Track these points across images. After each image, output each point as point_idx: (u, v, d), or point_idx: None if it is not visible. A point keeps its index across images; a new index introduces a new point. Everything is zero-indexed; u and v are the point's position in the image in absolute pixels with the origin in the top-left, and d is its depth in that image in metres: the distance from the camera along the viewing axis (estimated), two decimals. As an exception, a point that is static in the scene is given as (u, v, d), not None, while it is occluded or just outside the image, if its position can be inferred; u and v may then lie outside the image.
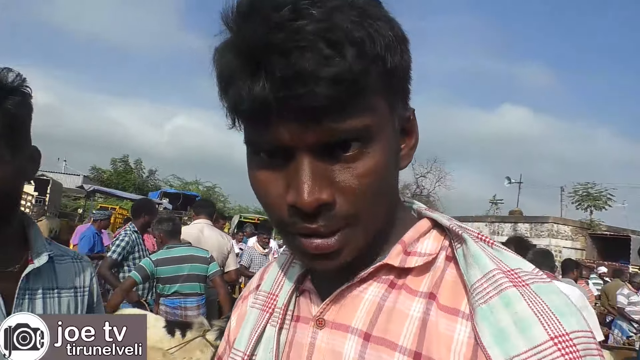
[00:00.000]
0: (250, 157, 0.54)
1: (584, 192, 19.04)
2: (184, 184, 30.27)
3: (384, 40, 0.48)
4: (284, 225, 0.52)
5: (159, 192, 19.45)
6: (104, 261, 4.31)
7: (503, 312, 0.48)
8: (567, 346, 0.45)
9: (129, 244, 4.17)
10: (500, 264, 0.51)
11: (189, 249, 3.67)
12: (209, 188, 30.82)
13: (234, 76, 0.47)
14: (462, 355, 0.48)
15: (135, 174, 31.26)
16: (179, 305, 3.57)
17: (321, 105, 0.45)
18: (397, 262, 0.55)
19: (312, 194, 0.47)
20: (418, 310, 0.53)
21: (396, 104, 0.53)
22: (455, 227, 0.55)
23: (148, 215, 4.49)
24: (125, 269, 4.17)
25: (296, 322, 0.61)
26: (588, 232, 16.69)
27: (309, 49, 0.44)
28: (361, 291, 0.57)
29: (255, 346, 0.62)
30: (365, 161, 0.49)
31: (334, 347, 0.56)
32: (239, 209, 29.42)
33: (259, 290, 0.67)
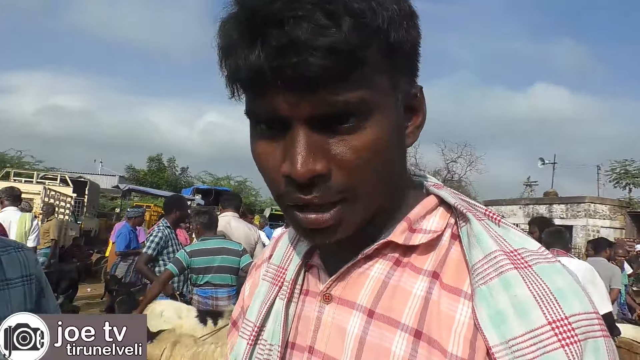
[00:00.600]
0: (252, 128, 0.53)
1: (621, 170, 18.42)
2: (216, 179, 30.70)
3: (386, 13, 0.47)
4: (281, 198, 0.52)
5: (192, 189, 19.81)
6: (140, 257, 4.48)
7: (502, 294, 0.47)
8: (565, 331, 0.44)
9: (162, 239, 4.31)
10: (504, 244, 0.50)
11: (223, 242, 3.79)
12: (240, 182, 31.17)
13: (233, 45, 0.48)
14: (463, 335, 0.48)
15: (169, 172, 31.96)
16: (211, 295, 3.70)
17: (315, 75, 0.44)
18: (401, 239, 0.55)
19: (306, 165, 0.47)
20: (421, 288, 0.53)
21: (400, 80, 0.52)
22: (460, 205, 0.55)
23: (179, 210, 4.63)
24: (160, 263, 4.32)
25: (305, 296, 0.62)
26: (627, 210, 16.18)
27: (306, 19, 0.44)
28: (367, 268, 0.57)
29: (265, 318, 0.63)
30: (363, 135, 0.48)
31: (339, 323, 0.56)
32: (270, 201, 29.69)
33: (269, 264, 0.68)
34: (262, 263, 0.73)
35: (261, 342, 0.62)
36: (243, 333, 0.65)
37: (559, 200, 16.84)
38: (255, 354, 0.62)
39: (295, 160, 0.47)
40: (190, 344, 2.77)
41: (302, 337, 0.60)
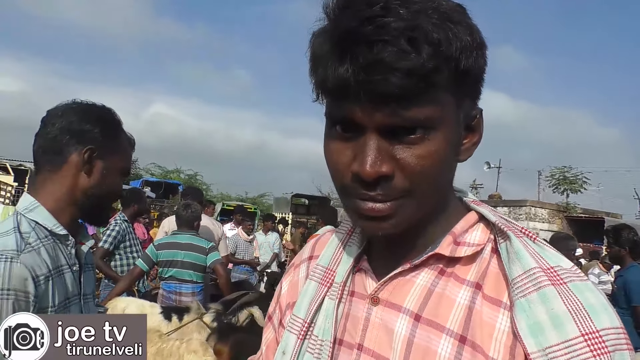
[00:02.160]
0: (328, 129, 0.60)
1: (560, 176, 19.46)
2: (165, 172, 29.92)
3: (460, 43, 0.53)
4: (345, 189, 0.59)
5: (141, 181, 19.24)
6: (96, 251, 4.33)
7: (540, 307, 0.53)
8: (597, 342, 0.50)
9: (119, 233, 4.19)
10: (541, 261, 0.56)
11: (191, 238, 3.76)
12: (190, 176, 30.52)
13: (324, 57, 0.55)
14: (503, 343, 0.54)
15: (117, 164, 30.74)
16: (174, 290, 3.68)
17: (393, 92, 0.51)
18: (447, 252, 0.61)
19: (374, 167, 0.54)
20: (465, 297, 0.59)
21: (464, 101, 0.58)
22: (501, 223, 0.61)
23: (138, 204, 4.53)
24: (117, 258, 4.20)
25: (351, 296, 0.67)
26: (564, 214, 17.13)
27: (391, 43, 0.50)
28: (413, 276, 0.63)
29: (315, 315, 0.68)
30: (425, 146, 0.55)
31: (387, 324, 0.62)
32: (221, 196, 29.29)
33: (317, 264, 0.73)
34: (301, 263, 0.79)
35: (312, 338, 0.67)
36: (291, 328, 0.70)
37: (503, 203, 17.57)
38: (306, 348, 0.67)
39: (365, 161, 0.54)
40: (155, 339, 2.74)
41: (349, 335, 0.65)
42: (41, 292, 1.00)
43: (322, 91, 0.58)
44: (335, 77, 0.53)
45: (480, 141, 0.64)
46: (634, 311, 3.89)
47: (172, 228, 4.33)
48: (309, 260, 0.78)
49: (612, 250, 4.16)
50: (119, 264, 4.21)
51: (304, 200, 19.59)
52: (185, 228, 3.82)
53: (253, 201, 28.43)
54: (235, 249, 6.43)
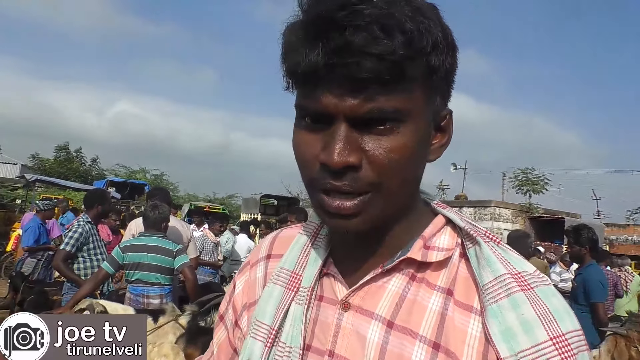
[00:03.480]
0: (297, 120, 0.60)
1: (523, 177, 19.98)
2: (130, 172, 29.31)
3: (432, 38, 0.53)
4: (313, 182, 0.58)
5: (105, 181, 18.79)
6: (58, 253, 4.21)
7: (511, 313, 0.54)
8: (563, 345, 0.53)
9: (82, 235, 4.08)
10: (509, 267, 0.58)
11: (158, 240, 3.67)
12: (156, 176, 30.02)
13: (296, 43, 0.54)
14: (475, 348, 0.55)
15: (78, 163, 29.93)
16: (142, 292, 3.59)
17: (363, 77, 0.51)
18: (419, 256, 0.61)
19: (341, 156, 0.53)
20: (436, 303, 0.59)
21: (433, 99, 0.58)
22: (469, 228, 0.62)
23: (102, 205, 4.41)
24: (80, 260, 4.10)
25: (319, 301, 0.66)
26: (527, 214, 17.61)
27: (363, 28, 0.51)
28: (385, 282, 0.62)
29: (282, 321, 0.66)
30: (395, 138, 0.55)
31: (359, 330, 0.61)
32: (188, 197, 28.88)
33: (281, 268, 0.70)
34: (258, 262, 0.77)
35: (279, 344, 0.65)
36: (256, 335, 0.67)
37: (468, 203, 17.93)
38: (274, 356, 0.65)
39: (333, 150, 0.54)
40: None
41: (318, 341, 0.64)
42: None
43: (293, 78, 0.57)
44: (306, 62, 0.53)
45: (449, 143, 0.64)
46: (592, 308, 4.03)
47: (139, 230, 4.24)
48: (267, 259, 0.76)
49: (572, 250, 4.30)
50: (82, 266, 4.10)
51: (273, 200, 19.51)
52: (152, 230, 3.74)
53: (221, 202, 28.14)
54: (202, 250, 6.35)
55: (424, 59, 0.54)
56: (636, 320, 3.69)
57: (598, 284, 4.04)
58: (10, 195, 21.34)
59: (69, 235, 4.09)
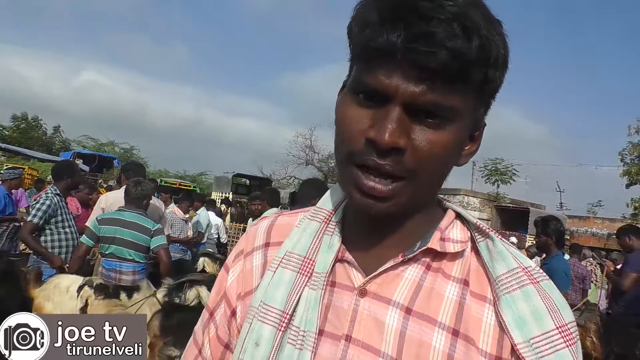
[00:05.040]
0: (348, 95, 0.61)
1: (492, 167, 20.45)
2: (99, 145, 28.57)
3: (497, 51, 0.57)
4: (352, 157, 0.59)
5: (72, 153, 18.28)
6: (25, 225, 4.09)
7: (523, 303, 0.60)
8: (567, 334, 0.59)
9: (50, 207, 3.97)
10: (518, 261, 0.63)
11: (136, 217, 3.61)
12: (126, 150, 29.42)
13: (376, 21, 0.55)
14: (491, 335, 0.60)
15: (39, 132, 28.93)
16: (114, 268, 3.54)
17: (434, 68, 0.53)
18: (438, 247, 0.64)
19: (392, 136, 0.55)
20: (453, 293, 0.63)
21: (479, 108, 0.62)
22: (480, 224, 0.67)
23: (70, 177, 4.29)
24: (47, 233, 3.99)
25: (331, 287, 0.67)
26: (494, 204, 18.06)
27: (446, 23, 0.53)
28: (402, 270, 0.65)
29: (295, 306, 0.66)
30: (441, 133, 0.57)
31: (376, 316, 0.63)
32: (158, 173, 28.42)
33: (290, 252, 0.70)
34: (254, 250, 0.76)
35: (292, 328, 0.65)
36: (265, 319, 0.66)
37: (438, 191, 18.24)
38: (287, 339, 0.65)
39: (385, 129, 0.56)
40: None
41: (332, 326, 0.65)
42: None
43: (363, 52, 0.58)
44: (385, 40, 0.54)
45: (476, 152, 0.67)
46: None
47: (110, 204, 4.15)
48: (266, 247, 0.75)
49: (539, 240, 4.43)
50: (50, 239, 4.00)
51: (245, 180, 19.42)
52: (132, 206, 3.67)
53: (192, 179, 27.83)
54: (171, 227, 6.28)
55: (485, 69, 0.56)
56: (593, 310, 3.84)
57: (562, 274, 4.19)
58: (-31, 163, 20.55)
59: (37, 207, 3.98)
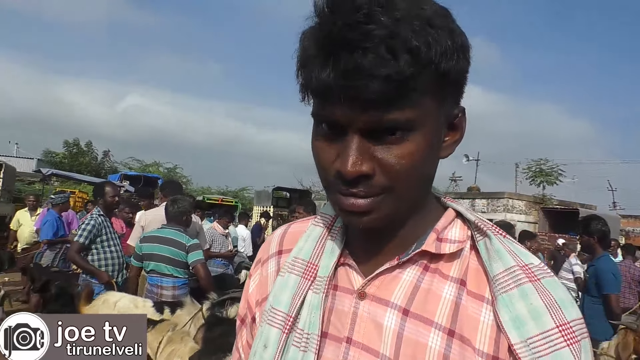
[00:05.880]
0: (315, 126, 0.63)
1: (536, 169, 19.76)
2: (144, 166, 29.50)
3: (440, 47, 0.55)
4: (329, 185, 0.62)
5: (119, 175, 18.96)
6: (72, 245, 4.30)
7: (520, 302, 0.59)
8: (568, 332, 0.57)
9: (95, 227, 4.16)
10: (517, 259, 0.62)
11: (174, 233, 3.77)
12: (170, 169, 30.20)
13: (309, 60, 0.57)
14: (488, 335, 0.60)
15: (89, 157, 30.23)
16: (156, 283, 3.71)
17: (372, 98, 0.54)
18: (433, 248, 0.64)
19: (355, 166, 0.57)
20: (450, 293, 0.63)
21: (445, 102, 0.60)
22: (480, 222, 0.66)
23: (102, 197, 4.45)
24: (94, 252, 4.18)
25: (334, 290, 0.69)
26: (540, 206, 17.45)
27: (371, 50, 0.53)
28: (399, 272, 0.65)
29: (299, 309, 0.68)
30: (405, 146, 0.57)
31: (375, 318, 0.64)
32: (201, 190, 29.06)
33: (295, 257, 0.72)
34: (269, 258, 0.79)
35: (296, 331, 0.67)
36: (272, 321, 0.69)
37: (481, 195, 17.82)
38: (292, 342, 0.67)
39: (347, 161, 0.57)
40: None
41: (335, 328, 0.67)
42: None
43: (307, 92, 0.60)
44: (319, 81, 0.56)
45: (461, 139, 0.66)
46: (604, 299, 4.01)
47: (148, 221, 4.30)
48: (279, 254, 0.78)
49: (582, 240, 4.29)
50: (96, 257, 4.18)
51: (285, 193, 19.55)
52: (172, 223, 3.85)
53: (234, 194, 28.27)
54: (212, 243, 6.41)
55: (432, 69, 0.56)
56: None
57: (610, 275, 4.01)
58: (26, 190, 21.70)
59: (82, 228, 4.18)
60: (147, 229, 4.23)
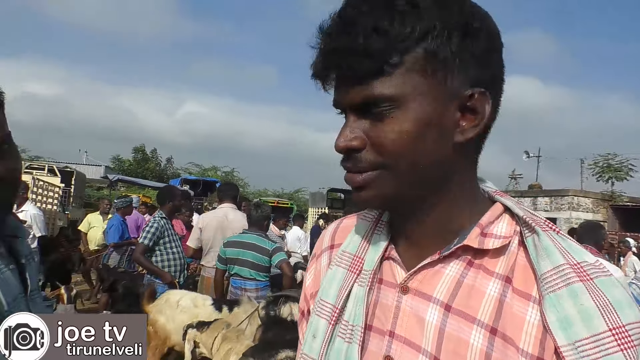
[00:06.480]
0: None
1: (604, 164, 18.73)
2: (203, 170, 30.50)
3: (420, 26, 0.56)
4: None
5: (180, 180, 19.70)
6: (137, 247, 4.50)
7: (569, 302, 0.55)
8: (624, 337, 0.53)
9: (158, 230, 4.33)
10: (568, 257, 0.58)
11: (256, 238, 3.95)
12: (227, 173, 31.04)
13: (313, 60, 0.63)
14: (534, 335, 0.57)
15: (153, 163, 31.69)
16: (240, 286, 3.90)
17: (348, 75, 0.59)
18: (476, 244, 0.62)
19: (344, 141, 0.61)
20: (495, 290, 0.61)
21: (444, 81, 0.59)
22: (527, 216, 0.63)
23: (171, 201, 4.66)
24: (157, 253, 4.35)
25: (379, 284, 0.69)
26: (609, 203, 16.52)
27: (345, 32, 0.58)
28: (442, 267, 0.64)
29: (345, 301, 0.69)
30: (391, 122, 0.59)
31: (417, 312, 0.64)
32: (258, 193, 29.66)
33: (343, 251, 0.74)
34: (322, 253, 0.81)
35: (342, 322, 0.69)
36: (320, 313, 0.72)
37: (543, 193, 17.09)
38: (337, 333, 0.69)
39: (339, 136, 0.62)
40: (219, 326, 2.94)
41: (380, 322, 0.68)
42: None
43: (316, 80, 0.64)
44: (313, 68, 0.62)
45: (484, 123, 0.62)
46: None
47: (206, 223, 4.45)
48: (331, 249, 0.79)
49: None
50: (159, 259, 4.36)
51: (340, 194, 19.59)
52: (254, 228, 4.03)
53: (289, 196, 28.65)
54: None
55: (411, 46, 0.57)
56: None
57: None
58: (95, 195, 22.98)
59: (146, 230, 4.37)
60: (204, 231, 4.39)
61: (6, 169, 0.98)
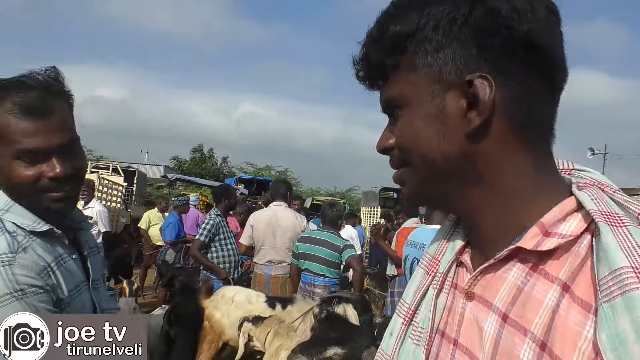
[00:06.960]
0: None
1: (679, 161, 17.47)
2: (257, 169, 31.15)
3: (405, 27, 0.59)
4: None
5: (235, 179, 20.14)
6: (194, 243, 4.66)
7: (624, 315, 0.45)
8: None
9: (213, 227, 4.49)
10: (633, 259, 0.47)
11: (328, 235, 4.07)
12: (280, 172, 31.51)
13: None
14: (586, 354, 0.47)
15: (210, 162, 32.67)
16: (310, 282, 3.99)
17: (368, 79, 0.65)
18: (530, 245, 0.55)
19: (380, 143, 0.66)
20: (552, 299, 0.53)
21: (439, 74, 0.57)
22: (595, 211, 0.52)
23: (227, 199, 4.80)
24: (212, 250, 4.50)
25: (454, 289, 0.66)
26: (685, 203, 15.39)
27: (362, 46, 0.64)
28: (504, 271, 0.58)
29: (419, 303, 0.69)
30: (400, 122, 0.63)
31: (478, 321, 0.60)
32: (310, 191, 29.90)
33: (426, 252, 0.74)
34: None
35: (414, 324, 0.69)
36: (399, 312, 0.72)
37: (610, 192, 16.14)
38: (409, 334, 0.69)
39: (378, 139, 0.67)
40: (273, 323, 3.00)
41: (450, 328, 0.65)
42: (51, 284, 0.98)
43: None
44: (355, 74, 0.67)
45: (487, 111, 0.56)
46: None
47: (257, 221, 4.53)
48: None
49: None
50: (215, 255, 4.50)
51: (393, 193, 19.35)
52: (327, 225, 4.17)
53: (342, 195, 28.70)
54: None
55: (404, 46, 0.59)
56: None
57: None
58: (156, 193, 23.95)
59: (203, 227, 4.52)
60: (255, 228, 4.48)
61: (73, 167, 1.10)
